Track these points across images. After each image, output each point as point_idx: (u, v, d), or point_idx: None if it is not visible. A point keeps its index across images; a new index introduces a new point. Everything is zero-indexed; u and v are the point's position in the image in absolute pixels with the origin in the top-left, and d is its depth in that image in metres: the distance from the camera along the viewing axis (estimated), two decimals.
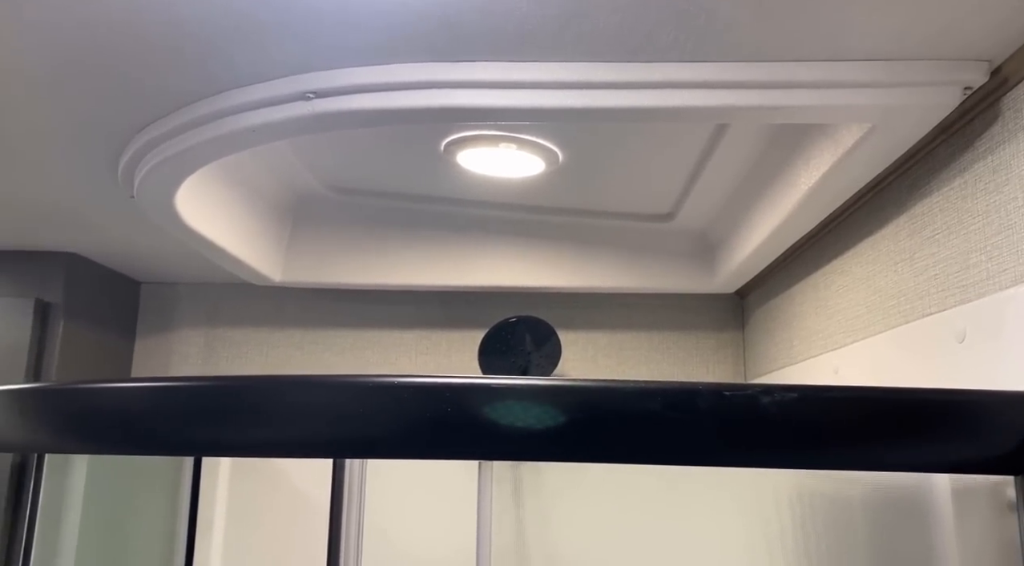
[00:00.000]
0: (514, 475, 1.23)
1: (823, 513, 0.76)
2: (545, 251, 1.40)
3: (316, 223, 1.37)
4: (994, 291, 0.69)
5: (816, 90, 0.67)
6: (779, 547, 0.78)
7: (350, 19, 0.61)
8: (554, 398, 0.55)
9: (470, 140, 1.00)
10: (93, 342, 1.37)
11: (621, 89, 0.67)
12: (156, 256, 1.35)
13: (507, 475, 1.20)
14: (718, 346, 1.54)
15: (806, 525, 0.76)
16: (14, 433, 0.72)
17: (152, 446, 0.67)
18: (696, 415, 0.57)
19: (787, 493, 0.76)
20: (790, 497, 0.78)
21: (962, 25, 0.61)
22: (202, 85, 0.72)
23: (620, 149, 1.07)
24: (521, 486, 1.24)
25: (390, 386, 0.55)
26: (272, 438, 0.57)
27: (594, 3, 0.58)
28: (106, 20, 0.60)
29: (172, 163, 0.83)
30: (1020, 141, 0.66)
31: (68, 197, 1.04)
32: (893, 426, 0.57)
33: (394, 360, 1.53)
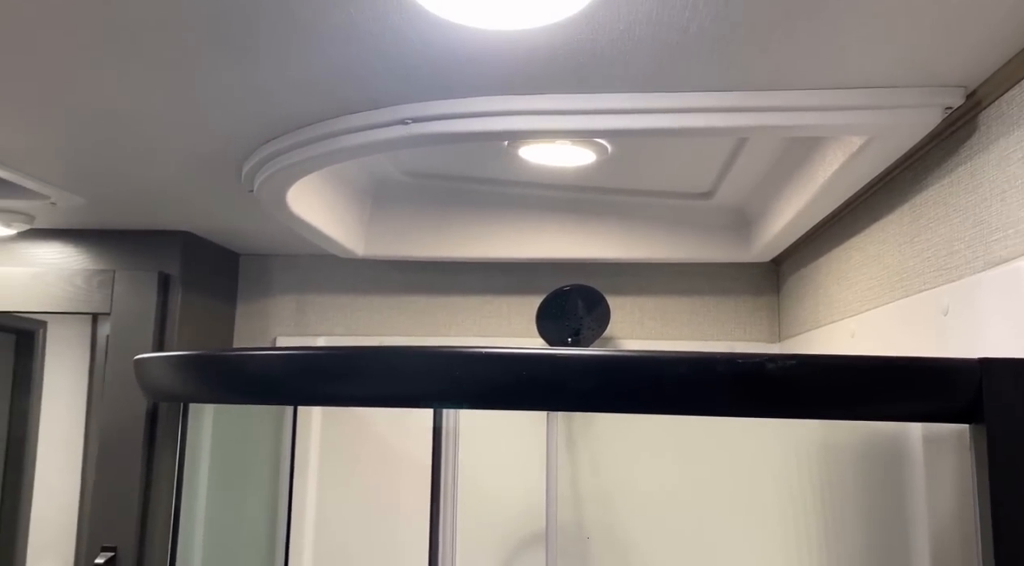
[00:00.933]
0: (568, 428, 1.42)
1: (825, 455, 0.92)
2: (595, 226, 1.56)
3: (393, 203, 1.55)
4: (970, 274, 0.84)
5: (819, 112, 0.81)
6: (790, 484, 0.94)
7: (440, 67, 0.77)
8: (603, 366, 0.72)
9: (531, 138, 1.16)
10: (203, 308, 1.59)
11: (656, 114, 0.82)
12: (255, 233, 1.55)
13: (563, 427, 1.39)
14: (754, 309, 1.68)
15: (811, 465, 0.92)
16: (176, 387, 0.92)
17: (290, 398, 0.86)
18: (715, 377, 0.74)
19: (797, 441, 0.92)
20: (799, 444, 0.94)
21: (942, 59, 0.75)
22: (320, 111, 0.89)
23: (664, 141, 1.21)
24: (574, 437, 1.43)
25: (479, 355, 0.73)
26: (391, 392, 0.76)
27: (635, 48, 0.74)
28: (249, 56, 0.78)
29: (290, 169, 1.01)
30: (991, 152, 0.80)
31: (192, 188, 1.24)
32: (870, 385, 0.73)
33: (460, 322, 1.72)
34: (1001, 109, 0.78)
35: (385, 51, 0.74)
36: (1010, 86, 0.76)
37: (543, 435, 1.40)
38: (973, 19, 0.67)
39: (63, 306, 1.48)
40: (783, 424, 0.94)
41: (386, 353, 0.75)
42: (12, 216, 1.39)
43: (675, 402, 0.76)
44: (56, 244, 1.52)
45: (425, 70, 0.78)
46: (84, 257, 1.51)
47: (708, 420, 1.00)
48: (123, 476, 1.41)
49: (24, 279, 1.49)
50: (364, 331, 1.72)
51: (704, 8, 0.66)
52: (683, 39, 0.71)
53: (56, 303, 1.48)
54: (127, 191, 1.26)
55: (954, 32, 0.69)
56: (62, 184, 1.22)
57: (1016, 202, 0.75)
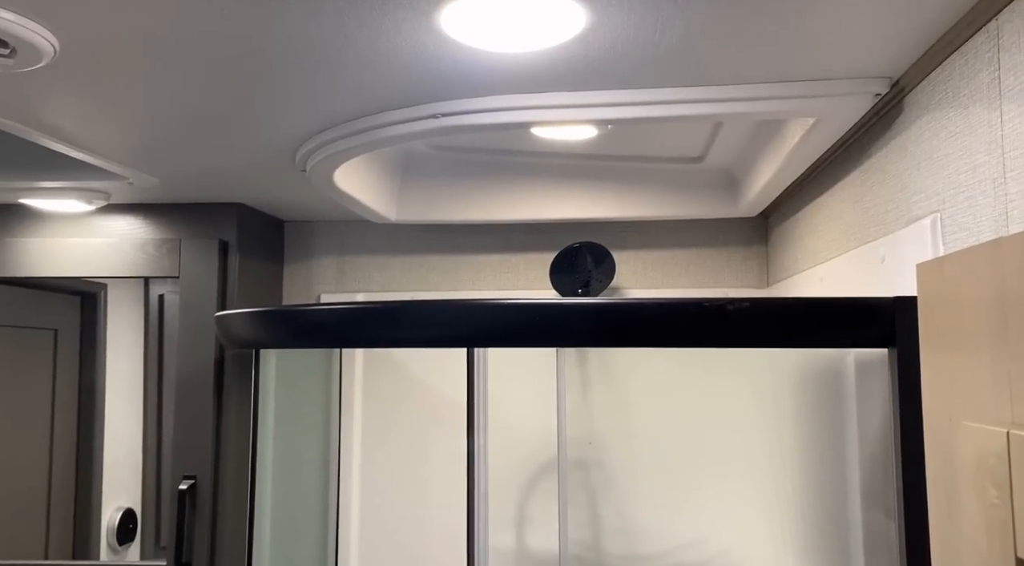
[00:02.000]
0: (579, 369, 1.64)
1: (782, 377, 1.13)
2: (601, 189, 1.75)
3: (421, 174, 1.75)
4: (897, 229, 1.03)
5: (772, 101, 1.00)
6: (760, 401, 1.16)
7: (464, 76, 0.97)
8: (599, 311, 0.93)
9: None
10: (256, 270, 1.81)
11: (639, 106, 1.01)
12: (299, 203, 1.76)
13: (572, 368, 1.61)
14: (745, 258, 1.88)
15: (775, 385, 1.13)
16: (251, 336, 1.14)
17: (353, 342, 1.07)
18: (687, 317, 0.94)
19: (762, 368, 1.13)
20: (762, 369, 1.15)
21: (870, 55, 0.93)
22: (365, 109, 1.09)
23: None
24: (585, 377, 1.65)
25: (503, 305, 0.94)
26: (435, 335, 0.97)
27: (619, 59, 0.92)
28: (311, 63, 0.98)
29: (338, 155, 1.21)
30: (911, 129, 0.98)
31: (251, 169, 1.44)
32: (809, 320, 0.93)
33: (482, 278, 1.93)
34: (918, 95, 0.96)
35: (420, 66, 0.93)
36: (923, 77, 0.94)
37: (554, 373, 1.62)
38: (893, 24, 0.85)
39: (138, 271, 1.70)
40: (754, 357, 1.14)
41: (431, 305, 0.96)
42: (93, 194, 1.61)
43: (657, 337, 0.97)
44: (128, 217, 1.73)
45: (452, 78, 0.97)
46: (153, 227, 1.73)
47: (691, 359, 1.21)
48: (198, 415, 1.65)
49: (103, 248, 1.71)
50: (397, 287, 1.93)
51: (669, 31, 0.85)
52: (656, 51, 0.90)
53: (132, 268, 1.70)
54: (194, 172, 1.46)
55: (879, 34, 0.87)
56: (140, 167, 1.43)
57: (928, 171, 0.94)
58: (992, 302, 0.63)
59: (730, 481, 1.27)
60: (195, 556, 1.63)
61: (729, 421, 1.25)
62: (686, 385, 1.38)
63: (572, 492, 1.60)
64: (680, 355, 1.17)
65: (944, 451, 0.71)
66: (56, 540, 2.12)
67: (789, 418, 1.16)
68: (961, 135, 0.85)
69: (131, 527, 2.21)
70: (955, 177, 0.87)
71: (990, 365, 0.63)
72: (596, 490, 1.61)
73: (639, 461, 1.53)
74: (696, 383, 1.29)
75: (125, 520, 2.20)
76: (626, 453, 1.60)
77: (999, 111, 0.77)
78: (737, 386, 1.19)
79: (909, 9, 0.81)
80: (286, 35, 0.85)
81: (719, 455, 1.26)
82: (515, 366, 1.74)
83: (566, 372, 1.69)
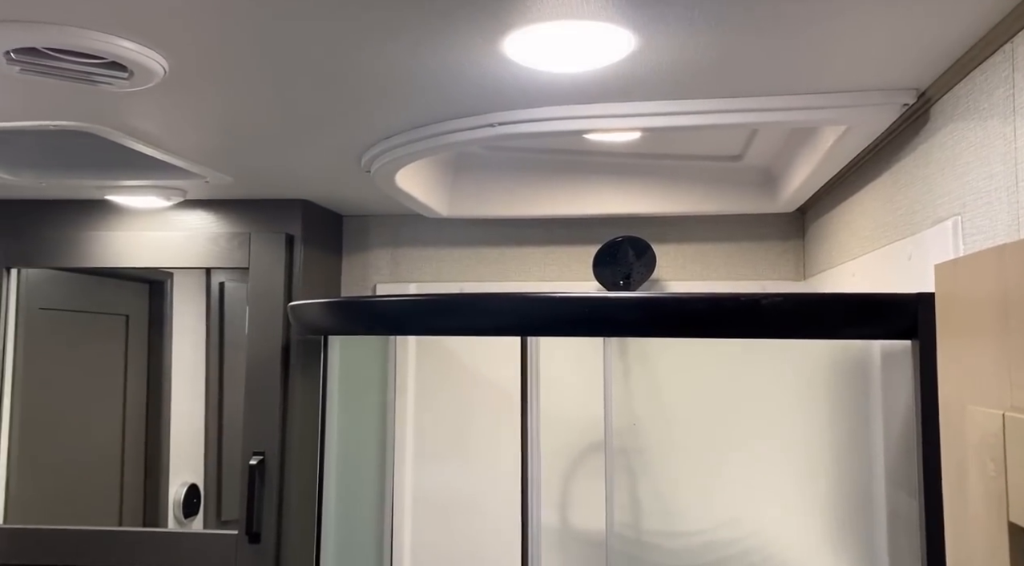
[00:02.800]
0: (623, 358, 1.73)
1: (812, 366, 1.21)
2: (643, 186, 1.84)
3: (472, 171, 1.85)
4: (923, 229, 1.10)
5: (806, 110, 1.08)
6: (792, 388, 1.24)
7: (520, 90, 1.06)
8: (642, 304, 1.02)
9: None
10: (318, 261, 1.93)
11: (683, 115, 1.10)
12: (358, 198, 1.87)
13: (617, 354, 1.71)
14: (782, 252, 1.95)
15: (806, 374, 1.21)
16: (319, 322, 1.26)
17: (411, 330, 1.17)
18: (723, 311, 1.03)
19: (793, 357, 1.21)
20: (794, 359, 1.23)
21: (897, 71, 1.01)
22: (430, 118, 1.19)
23: None
24: (628, 365, 1.75)
25: (554, 298, 1.04)
26: (491, 325, 1.07)
27: (663, 77, 1.01)
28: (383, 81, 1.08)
29: (401, 158, 1.32)
30: (936, 137, 1.05)
31: (318, 169, 1.56)
32: (838, 314, 1.01)
33: (528, 270, 2.03)
34: (943, 106, 1.03)
35: (483, 84, 1.03)
36: (948, 90, 1.01)
37: (597, 361, 1.71)
38: (920, 41, 0.92)
39: (211, 262, 1.83)
40: (786, 348, 1.23)
41: (490, 297, 1.06)
42: (171, 191, 1.74)
43: (696, 328, 1.06)
44: (201, 212, 1.87)
45: (510, 93, 1.07)
46: (225, 221, 1.86)
47: (727, 349, 1.30)
48: (267, 396, 1.78)
49: (179, 240, 1.85)
50: (447, 278, 2.04)
51: (709, 51, 0.93)
52: (697, 68, 0.99)
53: (206, 260, 1.84)
54: (265, 171, 1.58)
55: (906, 50, 0.95)
56: (217, 167, 1.56)
57: (951, 176, 1.02)
58: (997, 300, 0.71)
59: (763, 463, 1.35)
60: (263, 526, 1.76)
61: (762, 407, 1.33)
62: (722, 374, 1.47)
63: (615, 474, 1.70)
64: (717, 345, 1.26)
65: (956, 433, 0.80)
66: (128, 511, 2.28)
67: (819, 404, 1.24)
68: (980, 145, 0.93)
69: (195, 501, 2.36)
70: (974, 183, 0.94)
71: (994, 356, 0.71)
72: (636, 472, 1.71)
73: (677, 445, 1.62)
74: (731, 372, 1.37)
75: (190, 495, 2.35)
76: (665, 437, 1.69)
77: (1013, 126, 0.85)
78: (770, 374, 1.28)
79: (933, 28, 0.88)
80: (366, 60, 0.95)
81: (753, 439, 1.35)
82: (560, 357, 1.84)
83: (613, 361, 1.79)
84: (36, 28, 0.81)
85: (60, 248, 1.88)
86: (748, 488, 1.48)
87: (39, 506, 2.03)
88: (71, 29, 0.82)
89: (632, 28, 0.87)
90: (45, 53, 0.87)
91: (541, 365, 1.25)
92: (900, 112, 1.08)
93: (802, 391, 1.25)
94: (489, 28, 0.86)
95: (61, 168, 1.64)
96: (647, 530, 1.70)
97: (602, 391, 1.80)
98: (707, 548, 1.56)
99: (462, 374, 1.96)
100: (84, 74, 0.92)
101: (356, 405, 1.72)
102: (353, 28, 0.87)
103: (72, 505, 2.11)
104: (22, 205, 1.91)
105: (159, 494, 2.32)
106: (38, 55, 0.88)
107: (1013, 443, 0.63)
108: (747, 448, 1.40)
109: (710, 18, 0.85)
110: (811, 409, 1.26)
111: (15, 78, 0.99)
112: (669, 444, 1.68)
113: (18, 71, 0.91)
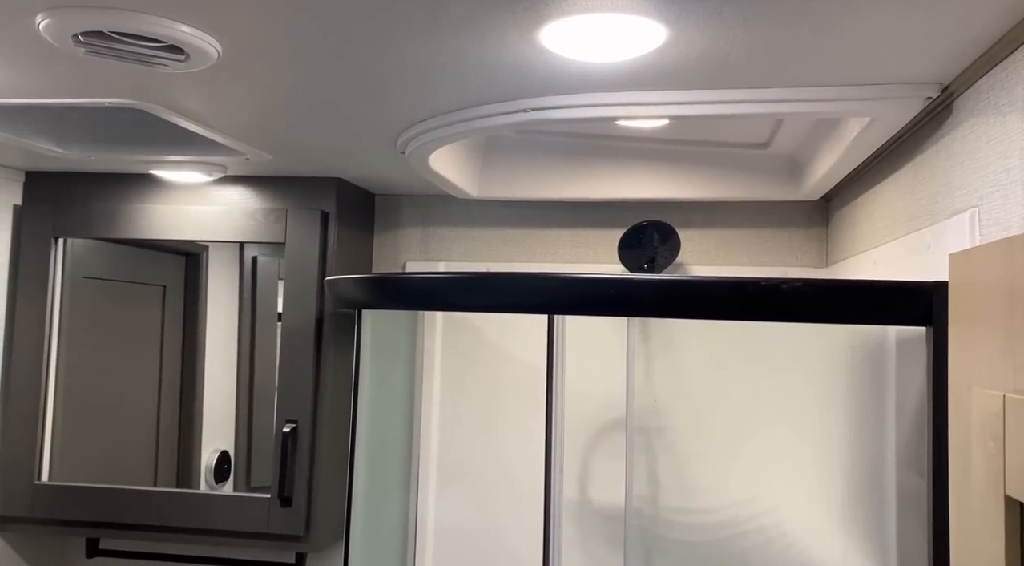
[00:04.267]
0: (645, 339, 1.77)
1: (829, 350, 1.25)
2: (669, 171, 1.87)
3: (501, 154, 1.90)
4: (942, 220, 1.13)
5: (831, 102, 1.11)
6: (809, 371, 1.28)
7: (553, 77, 1.11)
8: (665, 286, 1.07)
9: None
10: (351, 238, 1.99)
11: (711, 104, 1.14)
12: (390, 178, 1.93)
13: (639, 335, 1.75)
14: (806, 239, 1.98)
15: (823, 357, 1.25)
16: (355, 297, 1.32)
17: (444, 306, 1.23)
18: (744, 294, 1.07)
19: (811, 341, 1.25)
20: (811, 342, 1.27)
21: (921, 66, 1.04)
22: (465, 102, 1.24)
23: None
24: (649, 347, 1.79)
25: (581, 279, 1.08)
26: (520, 302, 1.12)
27: (691, 68, 1.05)
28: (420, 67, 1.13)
29: (435, 141, 1.37)
30: (958, 130, 1.08)
31: (354, 148, 1.61)
32: (855, 300, 1.05)
33: (554, 251, 2.07)
34: (965, 101, 1.06)
35: (518, 71, 1.08)
36: (970, 85, 1.04)
37: (620, 341, 1.76)
38: (943, 36, 0.95)
39: (250, 236, 1.90)
40: (805, 332, 1.27)
41: (520, 276, 1.11)
42: (212, 167, 1.81)
43: (717, 310, 1.11)
44: (241, 188, 1.93)
45: (543, 80, 1.12)
46: (263, 197, 1.92)
47: (746, 332, 1.34)
48: (300, 367, 1.85)
49: (218, 215, 1.92)
50: (476, 257, 2.10)
51: (738, 44, 0.97)
52: (726, 59, 1.02)
53: (244, 234, 1.90)
54: (303, 150, 1.64)
55: (930, 45, 0.98)
56: (259, 145, 1.61)
57: (970, 169, 1.05)
58: (1004, 290, 0.75)
59: (779, 443, 1.40)
60: (295, 490, 1.84)
61: (780, 388, 1.38)
62: (741, 356, 1.51)
63: (635, 451, 1.75)
64: (737, 328, 1.30)
65: (962, 414, 0.84)
66: (163, 474, 2.37)
67: (835, 387, 1.28)
68: (999, 140, 0.96)
69: (226, 467, 2.45)
70: (992, 177, 0.97)
71: (1000, 341, 0.75)
72: (656, 450, 1.76)
73: (696, 424, 1.67)
74: (750, 354, 1.42)
75: (221, 461, 2.44)
76: (684, 416, 1.74)
77: None
78: (788, 357, 1.32)
79: (958, 24, 0.91)
80: (407, 49, 1.00)
81: (770, 419, 1.39)
82: (585, 336, 1.89)
83: (635, 342, 1.83)
84: (106, 13, 0.87)
85: (106, 220, 1.96)
86: (764, 467, 1.52)
87: (82, 465, 2.13)
88: (138, 15, 0.88)
89: (663, 21, 0.91)
90: (110, 36, 0.93)
91: (567, 343, 1.30)
92: (924, 105, 1.11)
93: (819, 374, 1.29)
94: (527, 20, 0.91)
95: (109, 142, 1.71)
96: (665, 506, 1.75)
97: (624, 370, 1.85)
98: (723, 525, 1.61)
99: (488, 350, 2.02)
100: (145, 56, 0.98)
101: (386, 376, 1.78)
102: (397, 19, 0.92)
103: (110, 465, 2.20)
104: (70, 178, 1.99)
105: (192, 459, 2.41)
106: (103, 38, 0.93)
107: (1012, 422, 0.67)
108: (764, 428, 1.44)
109: (739, 12, 0.89)
110: (827, 391, 1.30)
111: (76, 58, 1.05)
112: (688, 423, 1.73)
113: (83, 53, 0.97)
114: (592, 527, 1.84)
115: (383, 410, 1.77)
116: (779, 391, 1.40)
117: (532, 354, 1.98)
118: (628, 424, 1.81)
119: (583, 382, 1.88)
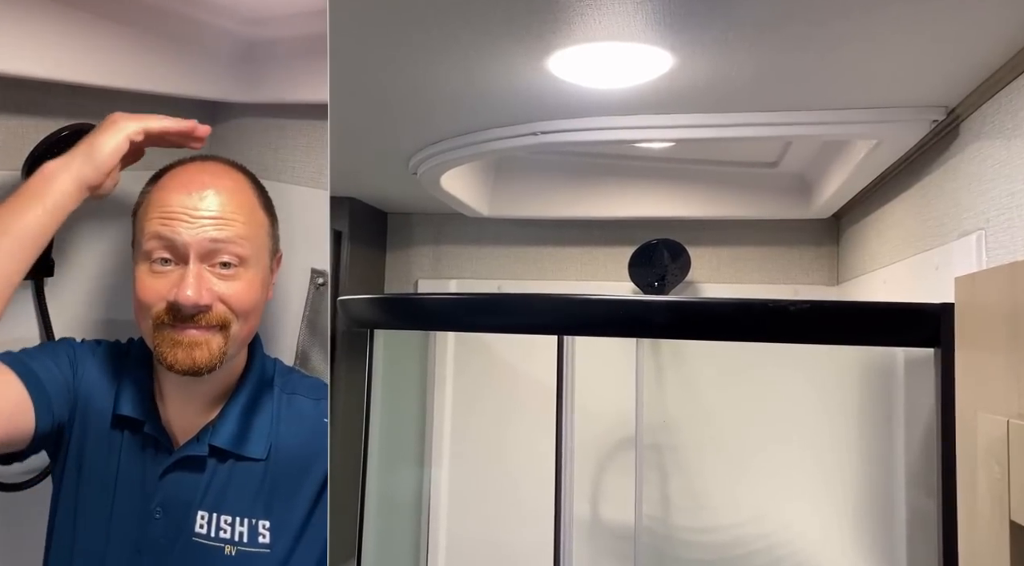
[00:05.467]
0: (655, 359, 1.78)
1: (838, 370, 1.26)
2: (679, 190, 1.88)
3: (512, 173, 1.92)
4: (950, 242, 1.14)
5: (838, 125, 1.12)
6: (818, 391, 1.29)
7: (562, 102, 1.12)
8: (675, 307, 1.08)
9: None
10: (363, 256, 2.02)
11: (718, 127, 1.15)
12: (401, 196, 1.95)
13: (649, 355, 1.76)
14: (816, 258, 1.98)
15: (832, 378, 1.26)
16: (368, 317, 1.33)
17: (454, 327, 1.24)
18: (754, 316, 1.08)
19: (820, 362, 1.26)
20: (820, 363, 1.27)
21: (927, 90, 1.05)
22: (476, 126, 1.26)
23: None
24: (660, 365, 1.80)
25: (591, 300, 1.10)
26: (530, 323, 1.13)
27: (698, 92, 1.06)
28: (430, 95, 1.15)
29: (447, 162, 1.39)
30: (965, 153, 1.09)
31: (367, 168, 1.63)
32: (862, 322, 1.05)
33: (565, 269, 2.09)
34: (971, 124, 1.07)
35: (528, 96, 1.10)
36: (975, 109, 1.05)
37: (629, 361, 1.77)
38: (948, 61, 0.96)
39: None
40: (813, 353, 1.27)
41: (530, 298, 1.13)
42: None
43: (726, 332, 1.11)
44: None
45: (552, 105, 1.14)
46: None
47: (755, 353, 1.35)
48: None
49: None
50: (487, 275, 2.11)
51: (744, 69, 0.99)
52: (732, 84, 1.04)
53: None
54: None
55: (936, 69, 0.99)
56: None
57: (976, 192, 1.05)
58: (1008, 314, 0.76)
59: (788, 462, 1.40)
60: None
61: (789, 409, 1.38)
62: (750, 376, 1.51)
63: (644, 469, 1.75)
64: (746, 349, 1.30)
65: (969, 438, 0.84)
66: None
67: (844, 407, 1.29)
68: (1004, 163, 0.96)
69: None
70: (998, 200, 0.98)
71: (1004, 366, 0.75)
72: (665, 469, 1.76)
73: (706, 443, 1.67)
74: (760, 375, 1.42)
75: None
76: (694, 435, 1.74)
77: None
78: (797, 378, 1.32)
79: (963, 50, 0.93)
80: (419, 75, 1.02)
81: (779, 439, 1.40)
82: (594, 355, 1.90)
83: (645, 361, 1.84)
84: None
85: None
86: (774, 486, 1.52)
87: None
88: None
89: (670, 49, 0.92)
90: None
91: (577, 362, 1.31)
92: (930, 128, 1.12)
93: (828, 394, 1.30)
94: (535, 48, 0.93)
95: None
96: (675, 525, 1.75)
97: (634, 389, 1.85)
98: (733, 543, 1.61)
99: (499, 368, 2.03)
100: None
101: (398, 394, 1.80)
102: (409, 46, 0.94)
103: None
104: None
105: None
106: None
107: (1016, 448, 0.67)
108: (774, 447, 1.44)
109: (744, 40, 0.90)
110: (837, 411, 1.30)
111: None
112: (698, 442, 1.73)
113: None
114: (602, 546, 1.84)
115: (395, 428, 1.79)
116: (789, 410, 1.40)
117: (543, 372, 1.99)
118: (638, 442, 1.81)
119: (593, 400, 1.88)
